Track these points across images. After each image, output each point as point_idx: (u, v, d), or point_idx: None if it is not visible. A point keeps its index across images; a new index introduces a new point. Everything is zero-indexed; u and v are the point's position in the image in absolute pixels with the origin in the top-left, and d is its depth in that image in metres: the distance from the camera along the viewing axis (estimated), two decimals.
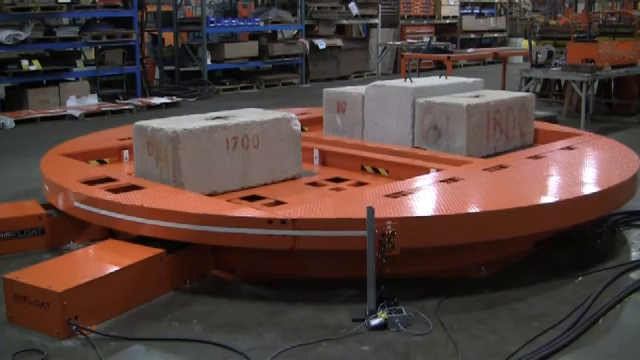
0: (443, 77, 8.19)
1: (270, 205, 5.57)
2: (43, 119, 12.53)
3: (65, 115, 12.82)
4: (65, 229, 5.97)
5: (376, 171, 6.77)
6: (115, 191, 5.65)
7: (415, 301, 4.73)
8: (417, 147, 7.17)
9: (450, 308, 4.72)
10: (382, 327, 4.40)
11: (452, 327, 4.45)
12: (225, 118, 6.29)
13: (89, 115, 12.89)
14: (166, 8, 17.48)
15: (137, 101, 14.15)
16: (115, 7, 14.48)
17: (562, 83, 12.81)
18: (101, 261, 4.90)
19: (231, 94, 16.14)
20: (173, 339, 4.36)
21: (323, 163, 7.21)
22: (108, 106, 13.58)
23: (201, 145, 5.88)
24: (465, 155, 6.79)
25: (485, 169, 6.08)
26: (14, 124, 12.02)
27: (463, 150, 6.88)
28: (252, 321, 4.59)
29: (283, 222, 4.72)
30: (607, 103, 13.31)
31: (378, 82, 7.82)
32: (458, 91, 7.69)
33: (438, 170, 6.17)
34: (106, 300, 4.56)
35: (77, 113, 12.81)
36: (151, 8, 16.99)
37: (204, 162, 5.90)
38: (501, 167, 6.14)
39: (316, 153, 7.25)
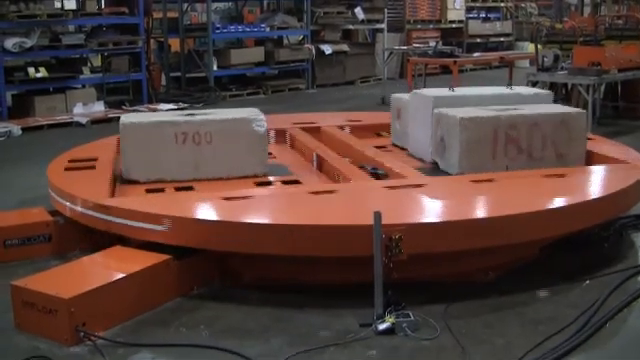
0: (509, 88, 7.48)
1: None
2: (50, 126, 12.55)
3: (72, 122, 12.85)
4: (72, 236, 5.98)
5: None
6: (71, 169, 6.71)
7: (422, 306, 4.73)
8: (433, 160, 6.92)
9: (457, 313, 4.72)
10: (390, 332, 4.40)
11: (459, 331, 4.45)
12: (192, 115, 6.79)
13: (96, 122, 12.91)
14: (172, 14, 17.52)
15: (143, 108, 14.16)
16: (121, 14, 14.49)
17: (568, 87, 12.79)
18: (108, 268, 4.92)
19: (237, 100, 16.15)
20: (180, 345, 4.37)
21: (319, 167, 7.24)
22: (115, 113, 13.56)
23: (145, 137, 6.52)
24: (457, 172, 6.40)
25: (387, 187, 5.86)
26: (21, 131, 12.04)
27: (456, 166, 6.45)
28: (259, 326, 4.60)
29: (105, 207, 5.36)
30: (614, 107, 13.27)
31: (420, 89, 7.61)
32: (505, 103, 6.95)
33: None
34: (113, 306, 4.58)
35: (84, 120, 12.85)
36: (157, 15, 17.00)
37: (148, 152, 6.50)
38: (416, 186, 5.85)
39: (314, 157, 7.33)
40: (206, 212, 5.29)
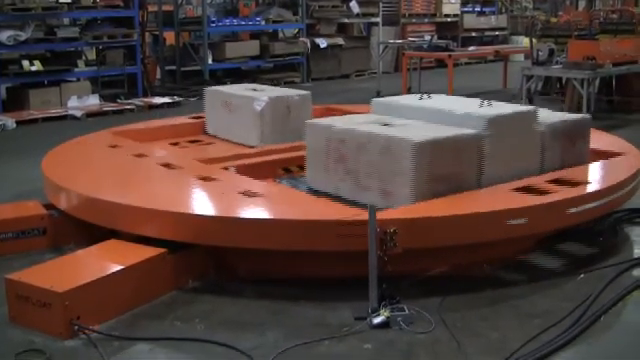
0: (485, 102, 6.08)
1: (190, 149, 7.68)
2: (44, 120, 12.48)
3: (67, 115, 12.79)
4: (67, 229, 5.97)
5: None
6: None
7: (417, 299, 4.73)
8: None
9: (452, 306, 4.73)
10: (384, 325, 4.41)
11: (454, 325, 4.45)
12: (254, 90, 8.12)
13: (90, 115, 12.85)
14: (167, 8, 17.46)
15: (138, 101, 14.11)
16: (116, 7, 14.44)
17: (563, 81, 12.80)
18: (103, 261, 4.90)
19: None
20: (176, 338, 4.37)
21: None
22: (109, 106, 13.55)
23: (210, 101, 8.35)
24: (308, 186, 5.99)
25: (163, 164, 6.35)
26: (15, 125, 11.98)
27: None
28: (255, 320, 4.60)
29: None
30: (608, 100, 13.28)
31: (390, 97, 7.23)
32: (430, 120, 5.83)
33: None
34: (108, 300, 4.57)
35: (78, 113, 12.80)
36: (152, 8, 16.93)
37: (213, 113, 8.32)
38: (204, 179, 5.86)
39: None
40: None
